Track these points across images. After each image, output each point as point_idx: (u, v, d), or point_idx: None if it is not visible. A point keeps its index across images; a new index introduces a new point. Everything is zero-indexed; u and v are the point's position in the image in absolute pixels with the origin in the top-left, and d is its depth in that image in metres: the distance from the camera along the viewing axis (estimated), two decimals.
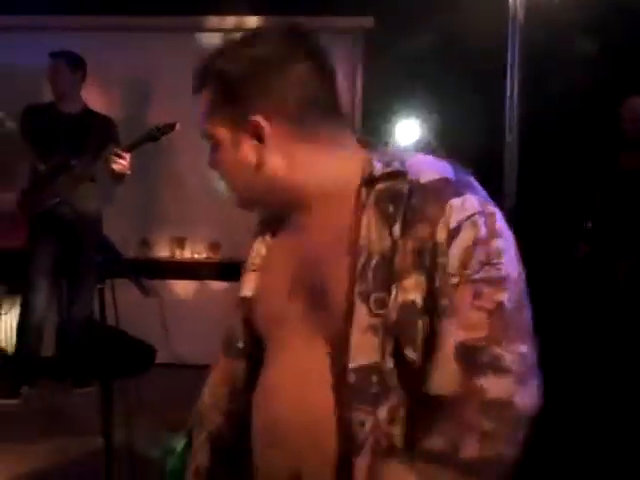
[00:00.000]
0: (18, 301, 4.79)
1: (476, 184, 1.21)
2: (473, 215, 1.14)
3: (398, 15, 4.85)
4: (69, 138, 4.23)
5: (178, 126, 4.15)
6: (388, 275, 1.14)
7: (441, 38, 4.94)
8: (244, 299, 1.37)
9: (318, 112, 1.22)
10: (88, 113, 4.51)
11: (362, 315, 1.15)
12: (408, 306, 1.13)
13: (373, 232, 1.16)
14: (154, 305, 4.74)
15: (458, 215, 1.13)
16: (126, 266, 1.93)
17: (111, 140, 4.44)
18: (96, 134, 4.40)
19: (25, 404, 4.35)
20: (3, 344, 5.06)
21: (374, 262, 1.15)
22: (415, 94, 5.12)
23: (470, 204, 1.15)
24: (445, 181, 1.17)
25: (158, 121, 4.23)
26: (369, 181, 1.20)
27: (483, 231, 1.13)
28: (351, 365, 1.15)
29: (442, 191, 1.15)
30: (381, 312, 1.14)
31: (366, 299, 1.15)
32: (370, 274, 1.15)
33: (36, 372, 4.54)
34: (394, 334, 1.13)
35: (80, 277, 4.53)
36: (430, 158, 1.23)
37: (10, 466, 3.51)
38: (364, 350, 1.15)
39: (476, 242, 1.12)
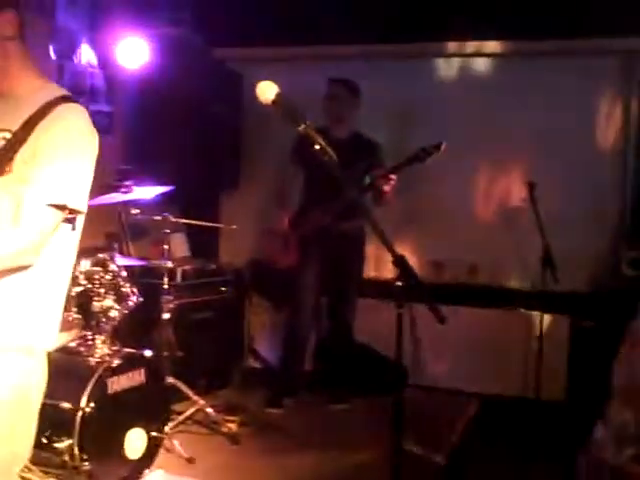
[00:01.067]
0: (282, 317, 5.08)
1: None
2: None
3: None
4: (341, 163, 4.39)
5: (444, 146, 4.19)
6: None
7: None
8: None
9: None
10: (356, 137, 4.69)
11: None
12: None
13: None
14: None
15: None
16: (426, 291, 1.93)
17: (377, 163, 4.59)
18: (363, 157, 4.56)
19: (287, 415, 4.57)
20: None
21: None
22: None
23: None
24: None
25: (418, 145, 4.30)
26: None
27: None
28: None
29: None
30: None
31: None
32: None
33: (298, 385, 4.76)
34: None
35: (344, 298, 4.71)
36: None
37: (264, 474, 3.71)
38: None
39: None
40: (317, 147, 2.03)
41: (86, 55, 4.92)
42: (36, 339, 1.98)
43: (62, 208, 1.92)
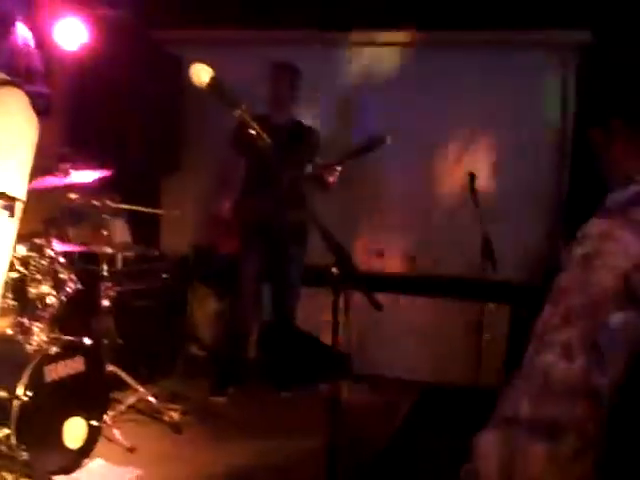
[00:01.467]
0: (225, 305, 5.05)
1: None
2: None
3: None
4: (280, 149, 4.38)
5: (389, 140, 4.19)
6: None
7: None
8: None
9: None
10: (296, 123, 4.66)
11: None
12: None
13: None
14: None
15: None
16: (361, 280, 1.93)
17: (315, 150, 4.58)
18: (302, 144, 4.53)
19: (230, 403, 4.53)
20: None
21: None
22: None
23: None
24: None
25: (361, 136, 4.31)
26: None
27: None
28: None
29: None
30: None
31: None
32: None
33: (241, 374, 4.72)
34: None
35: (286, 285, 4.69)
36: None
37: (207, 462, 3.66)
38: None
39: None
40: (252, 132, 2.01)
41: (22, 35, 4.76)
42: None
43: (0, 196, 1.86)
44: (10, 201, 1.90)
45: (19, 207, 1.97)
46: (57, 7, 4.75)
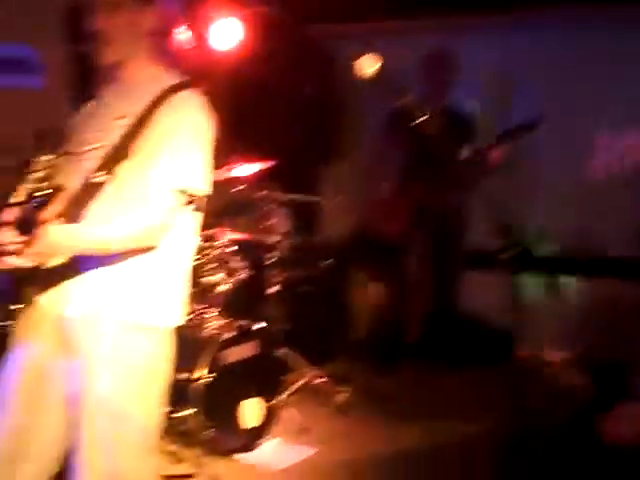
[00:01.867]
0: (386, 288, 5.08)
1: None
2: None
3: None
4: (440, 135, 4.37)
5: (545, 121, 4.10)
6: None
7: None
8: None
9: None
10: (452, 110, 4.62)
11: None
12: None
13: None
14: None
15: None
16: (534, 260, 1.92)
17: (474, 136, 4.52)
18: (459, 130, 4.49)
19: (394, 385, 4.58)
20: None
21: None
22: None
23: None
24: None
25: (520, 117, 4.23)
26: None
27: None
28: None
29: None
30: None
31: None
32: None
33: (404, 356, 4.76)
34: None
35: (449, 268, 4.69)
36: None
37: (376, 443, 3.73)
38: None
39: None
40: (418, 120, 2.02)
41: (183, 36, 4.99)
42: (162, 316, 2.05)
43: (184, 192, 1.98)
44: (193, 197, 2.02)
45: (202, 201, 2.08)
46: (212, 8, 4.95)
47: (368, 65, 1.96)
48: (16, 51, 4.03)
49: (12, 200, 1.76)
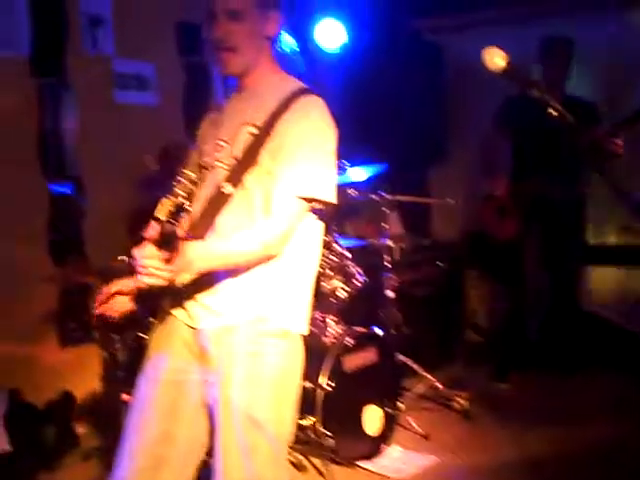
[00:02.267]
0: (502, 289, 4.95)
1: None
2: None
3: None
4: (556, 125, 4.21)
5: None
6: None
7: None
8: None
9: None
10: (572, 99, 4.43)
11: None
12: None
13: None
14: None
15: None
16: None
17: (595, 125, 4.31)
18: (581, 120, 4.29)
19: (515, 389, 4.45)
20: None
21: None
22: None
23: None
24: None
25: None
26: None
27: None
28: None
29: None
30: None
31: None
32: None
33: (523, 359, 4.62)
34: None
35: (568, 265, 4.51)
36: None
37: (500, 450, 3.62)
38: None
39: None
40: (553, 112, 1.93)
41: (287, 42, 5.02)
42: (292, 323, 2.05)
43: (310, 200, 1.96)
44: (321, 203, 2.01)
45: (328, 208, 2.06)
46: (315, 9, 4.95)
47: (495, 57, 1.88)
48: (135, 68, 4.14)
49: (155, 216, 1.78)
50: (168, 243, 1.75)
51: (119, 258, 3.40)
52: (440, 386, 4.12)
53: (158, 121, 4.25)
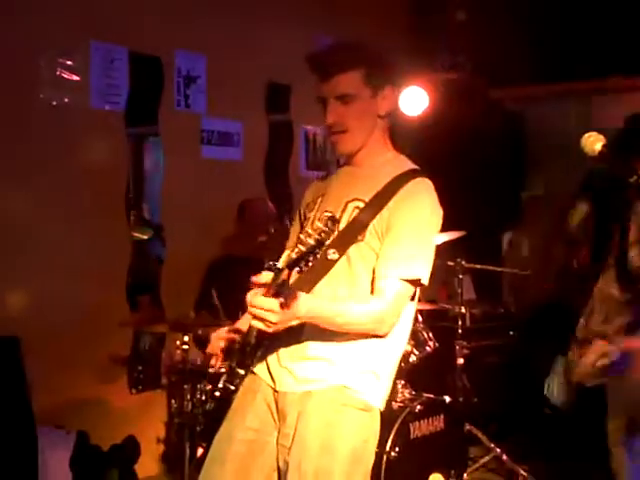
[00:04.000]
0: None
1: None
2: None
3: None
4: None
5: None
6: None
7: None
8: None
9: None
10: None
11: None
12: None
13: None
14: None
15: None
16: None
17: None
18: None
19: (589, 466, 4.31)
20: None
21: None
22: None
23: None
24: None
25: None
26: None
27: None
28: None
29: None
30: None
31: None
32: None
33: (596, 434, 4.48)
34: None
35: None
36: None
37: None
38: None
39: None
40: (620, 184, 1.92)
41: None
42: (374, 398, 2.03)
43: (416, 283, 1.98)
44: (422, 285, 2.01)
45: (423, 289, 2.06)
46: (400, 76, 5.04)
47: (594, 142, 1.90)
48: (223, 125, 4.27)
49: (270, 265, 1.79)
50: (279, 292, 1.74)
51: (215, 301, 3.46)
52: (505, 457, 4.03)
53: (240, 175, 4.36)
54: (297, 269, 1.78)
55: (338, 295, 1.98)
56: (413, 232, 1.97)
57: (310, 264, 1.77)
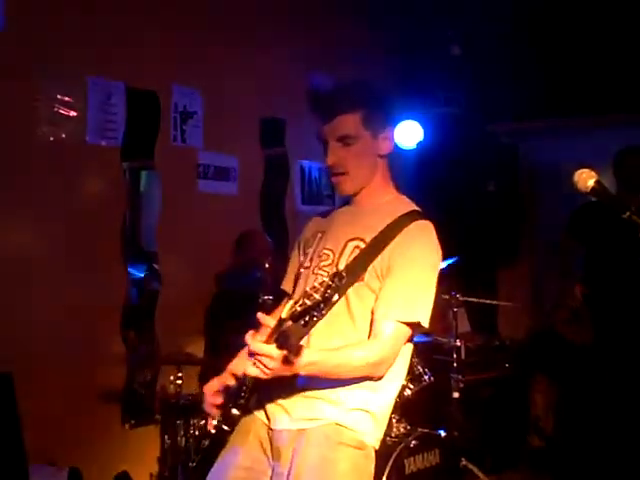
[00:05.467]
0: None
1: None
2: None
3: None
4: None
5: None
6: None
7: None
8: None
9: None
10: None
11: None
12: None
13: None
14: None
15: None
16: None
17: None
18: None
19: None
20: None
21: None
22: None
23: None
24: None
25: None
26: None
27: None
28: None
29: None
30: None
31: None
32: None
33: (588, 470, 4.44)
34: None
35: None
36: None
37: None
38: None
39: None
40: (614, 217, 1.91)
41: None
42: (369, 436, 2.04)
43: (415, 326, 1.98)
44: (420, 329, 2.01)
45: (421, 331, 2.06)
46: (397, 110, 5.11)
47: (585, 178, 1.90)
48: (219, 160, 4.30)
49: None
50: (283, 344, 1.72)
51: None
52: None
53: (236, 209, 4.38)
54: (301, 322, 1.76)
55: (335, 336, 1.98)
56: (414, 274, 1.97)
57: (315, 319, 1.74)
